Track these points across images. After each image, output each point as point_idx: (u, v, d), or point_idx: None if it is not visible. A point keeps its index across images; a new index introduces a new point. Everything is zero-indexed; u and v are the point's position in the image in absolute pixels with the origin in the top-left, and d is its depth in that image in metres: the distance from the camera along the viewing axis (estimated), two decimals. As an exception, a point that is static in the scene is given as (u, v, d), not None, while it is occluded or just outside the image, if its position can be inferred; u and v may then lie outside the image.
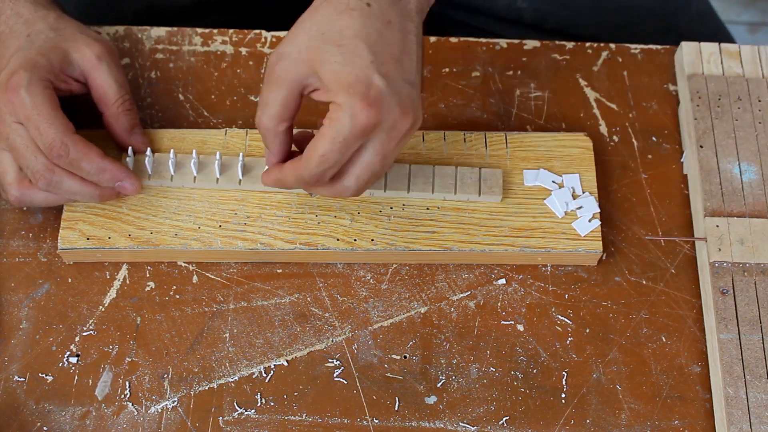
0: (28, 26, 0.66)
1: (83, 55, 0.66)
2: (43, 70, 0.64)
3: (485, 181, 0.67)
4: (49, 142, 0.62)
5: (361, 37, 0.56)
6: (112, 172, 0.64)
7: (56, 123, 0.62)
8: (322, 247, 0.66)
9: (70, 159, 0.62)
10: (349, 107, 0.55)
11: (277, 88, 0.58)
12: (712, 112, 0.71)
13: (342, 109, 0.55)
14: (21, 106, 0.62)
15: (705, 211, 0.67)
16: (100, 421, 0.63)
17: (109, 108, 0.67)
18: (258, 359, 0.65)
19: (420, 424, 0.63)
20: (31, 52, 0.64)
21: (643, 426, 0.63)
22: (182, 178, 0.67)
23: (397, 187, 0.67)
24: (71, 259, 0.68)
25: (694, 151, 0.70)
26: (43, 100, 0.63)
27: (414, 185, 0.67)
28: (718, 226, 0.67)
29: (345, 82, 0.55)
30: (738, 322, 0.64)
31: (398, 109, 0.56)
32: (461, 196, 0.67)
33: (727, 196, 0.68)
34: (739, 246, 0.66)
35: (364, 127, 0.55)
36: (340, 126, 0.56)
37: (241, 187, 0.67)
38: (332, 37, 0.56)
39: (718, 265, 0.66)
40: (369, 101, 0.55)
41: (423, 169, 0.67)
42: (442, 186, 0.67)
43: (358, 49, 0.56)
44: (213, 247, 0.66)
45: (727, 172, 0.69)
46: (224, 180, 0.67)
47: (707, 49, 0.74)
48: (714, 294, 0.65)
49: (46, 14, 0.67)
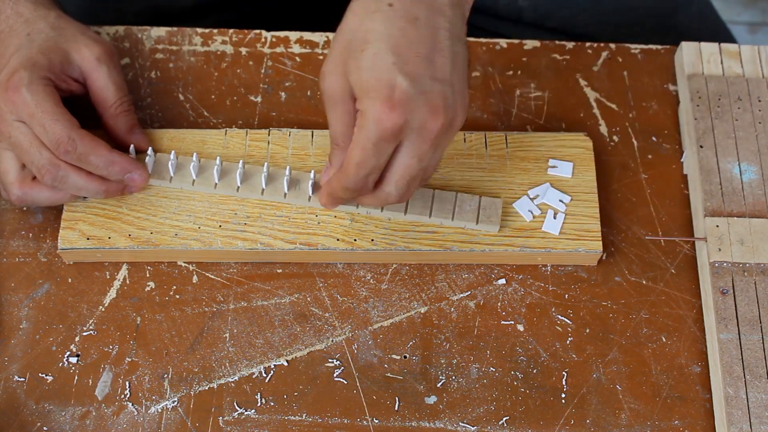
0: (29, 25, 0.66)
1: (83, 56, 0.66)
2: (43, 69, 0.64)
3: (484, 209, 0.66)
4: (56, 138, 0.62)
5: (382, 39, 0.55)
6: (121, 164, 0.64)
7: (61, 119, 0.62)
8: (322, 247, 0.66)
9: (78, 154, 0.62)
10: (372, 112, 0.54)
11: (332, 105, 0.58)
12: (712, 112, 0.71)
13: (366, 115, 0.55)
14: (23, 105, 0.62)
15: (705, 211, 0.67)
16: (100, 421, 0.63)
17: (107, 110, 0.67)
18: (258, 359, 0.65)
19: (420, 424, 0.63)
20: (32, 51, 0.64)
21: (643, 426, 0.63)
22: (181, 180, 0.67)
23: (393, 208, 0.67)
24: (71, 259, 0.68)
25: (694, 151, 0.70)
26: (46, 97, 0.63)
27: (412, 208, 0.66)
28: (718, 226, 0.67)
29: (367, 87, 0.54)
30: (738, 322, 0.64)
31: (426, 109, 0.55)
32: (458, 223, 0.66)
33: (727, 196, 0.68)
34: (739, 246, 0.66)
35: (390, 131, 0.55)
36: (367, 132, 0.55)
37: (239, 195, 0.67)
38: (356, 44, 0.55)
39: (718, 265, 0.66)
40: (392, 103, 0.54)
41: (423, 192, 0.67)
42: (441, 211, 0.66)
43: (380, 52, 0.55)
44: (213, 247, 0.66)
45: (727, 172, 0.69)
46: (222, 186, 0.67)
47: (707, 49, 0.74)
48: (714, 294, 0.65)
49: (47, 14, 0.67)
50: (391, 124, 0.54)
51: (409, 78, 0.54)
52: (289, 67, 0.76)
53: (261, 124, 0.73)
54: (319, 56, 0.76)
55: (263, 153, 0.69)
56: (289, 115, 0.74)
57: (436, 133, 0.56)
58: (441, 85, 0.55)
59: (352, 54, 0.55)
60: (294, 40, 0.77)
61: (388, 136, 0.55)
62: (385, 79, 0.54)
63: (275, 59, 0.76)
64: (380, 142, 0.55)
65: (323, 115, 0.74)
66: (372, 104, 0.54)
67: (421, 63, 0.55)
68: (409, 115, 0.54)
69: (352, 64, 0.55)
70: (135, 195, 0.68)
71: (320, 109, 0.74)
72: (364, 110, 0.55)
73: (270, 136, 0.70)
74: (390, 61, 0.54)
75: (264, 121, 0.73)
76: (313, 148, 0.69)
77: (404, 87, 0.54)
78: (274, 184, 0.67)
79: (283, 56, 0.76)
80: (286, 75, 0.75)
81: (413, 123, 0.55)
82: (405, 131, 0.55)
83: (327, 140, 0.69)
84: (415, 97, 0.54)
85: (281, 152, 0.69)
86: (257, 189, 0.67)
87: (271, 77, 0.75)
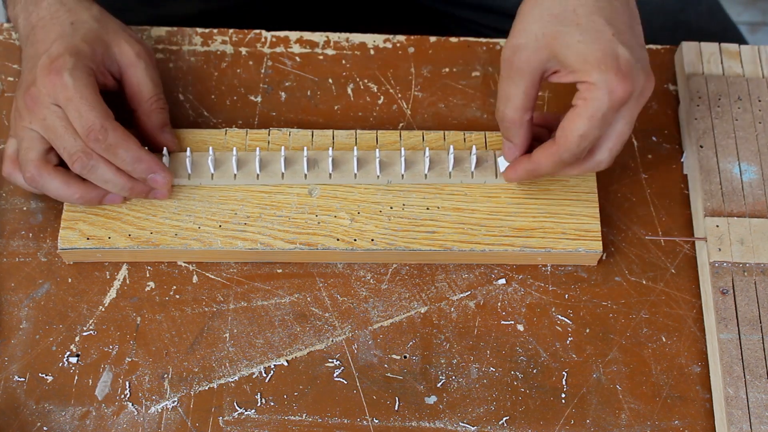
0: (72, 15, 0.67)
1: (123, 50, 0.67)
2: (87, 58, 0.65)
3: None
4: (89, 125, 0.62)
5: (597, 12, 0.58)
6: (148, 163, 0.65)
7: (97, 107, 0.63)
8: (322, 247, 0.66)
9: (107, 144, 0.63)
10: (605, 83, 0.56)
11: (519, 79, 0.59)
12: (712, 112, 0.71)
13: (597, 86, 0.57)
14: (63, 88, 0.62)
15: (705, 211, 0.67)
16: (100, 421, 0.63)
17: (142, 105, 0.68)
18: (258, 359, 0.65)
19: (420, 424, 0.63)
20: (75, 39, 0.65)
21: (643, 426, 0.63)
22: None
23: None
24: (71, 259, 0.68)
25: (694, 151, 0.70)
26: (86, 84, 0.63)
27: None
28: (718, 226, 0.67)
29: (594, 60, 0.57)
30: (738, 322, 0.64)
31: (643, 75, 0.58)
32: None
33: (727, 196, 0.68)
34: (739, 246, 0.66)
35: (621, 100, 0.57)
36: (599, 103, 0.57)
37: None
38: (568, 18, 0.58)
39: (718, 265, 0.66)
40: (622, 74, 0.56)
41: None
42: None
43: (598, 25, 0.57)
44: (213, 247, 0.66)
45: (727, 172, 0.69)
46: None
47: (707, 49, 0.74)
48: (714, 294, 0.65)
49: (90, 6, 0.68)
50: (622, 93, 0.57)
51: (627, 47, 0.57)
52: (289, 67, 0.76)
53: (261, 124, 0.73)
54: (319, 56, 0.76)
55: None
56: (289, 115, 0.74)
57: (648, 96, 0.59)
58: (644, 51, 0.60)
59: (563, 29, 0.58)
60: (294, 40, 0.77)
61: (617, 105, 0.57)
62: (610, 50, 0.57)
63: (275, 59, 0.76)
64: (609, 112, 0.58)
65: (323, 115, 0.74)
66: (603, 75, 0.56)
67: (629, 32, 0.59)
68: (635, 83, 0.57)
69: (566, 39, 0.57)
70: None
71: (320, 109, 0.74)
72: (593, 82, 0.57)
73: (270, 136, 0.70)
74: (610, 33, 0.57)
75: (264, 121, 0.73)
76: (313, 148, 0.69)
77: (627, 56, 0.57)
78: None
79: (283, 56, 0.76)
80: (286, 75, 0.75)
81: (636, 91, 0.58)
82: (630, 99, 0.58)
83: (326, 140, 0.69)
84: (635, 65, 0.57)
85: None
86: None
87: (271, 77, 0.75)
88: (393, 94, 0.75)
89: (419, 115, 0.74)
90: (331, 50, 0.77)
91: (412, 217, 0.67)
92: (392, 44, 0.77)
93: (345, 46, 0.77)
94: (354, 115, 0.74)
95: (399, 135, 0.70)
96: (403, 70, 0.76)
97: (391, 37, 0.77)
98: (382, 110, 0.74)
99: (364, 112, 0.74)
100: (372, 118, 0.74)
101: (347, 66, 0.76)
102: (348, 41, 0.77)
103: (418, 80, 0.75)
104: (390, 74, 0.76)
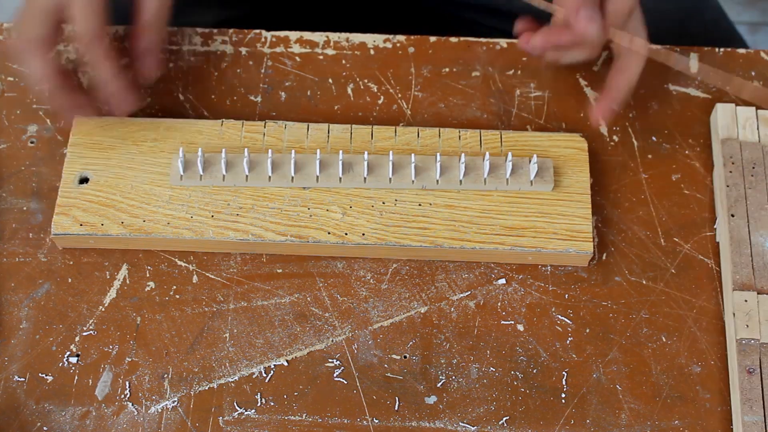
0: None
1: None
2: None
3: (540, 171, 0.68)
4: (86, 31, 0.64)
5: None
6: (112, 89, 0.67)
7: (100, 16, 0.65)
8: (312, 239, 0.66)
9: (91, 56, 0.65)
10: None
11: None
12: (746, 181, 0.68)
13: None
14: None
15: (734, 284, 0.65)
16: (100, 421, 0.63)
17: (139, 23, 0.69)
18: (258, 359, 0.65)
19: (420, 424, 0.63)
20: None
21: (643, 426, 0.63)
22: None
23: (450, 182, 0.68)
24: (64, 245, 0.68)
25: (725, 219, 0.67)
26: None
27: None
28: (746, 301, 0.64)
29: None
30: (764, 404, 0.61)
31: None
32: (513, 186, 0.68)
33: (758, 271, 0.65)
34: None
35: None
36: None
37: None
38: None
39: (746, 343, 0.63)
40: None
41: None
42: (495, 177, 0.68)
43: None
44: (205, 237, 0.66)
45: (759, 246, 0.66)
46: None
47: (743, 114, 0.71)
48: (740, 372, 0.62)
49: None
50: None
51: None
52: (289, 67, 0.76)
53: (261, 124, 0.73)
54: (319, 56, 0.76)
55: (259, 145, 0.69)
56: (289, 115, 0.74)
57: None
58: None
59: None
60: (294, 40, 0.77)
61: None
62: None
63: (275, 59, 0.76)
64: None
65: (323, 115, 0.74)
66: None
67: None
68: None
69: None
70: (130, 183, 0.68)
71: (320, 108, 0.74)
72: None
73: (266, 128, 0.70)
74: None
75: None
76: (308, 141, 0.70)
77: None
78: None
79: (283, 56, 0.76)
80: (286, 75, 0.76)
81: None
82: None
83: (322, 135, 0.70)
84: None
85: (277, 144, 0.69)
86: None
87: (271, 77, 0.75)
88: (393, 94, 0.75)
89: (419, 115, 0.74)
90: (331, 50, 0.77)
91: (404, 212, 0.67)
92: (392, 44, 0.77)
93: (345, 46, 0.77)
94: (354, 115, 0.74)
95: (394, 131, 0.70)
96: (403, 70, 0.76)
97: (391, 37, 0.77)
98: (382, 110, 0.74)
99: (364, 111, 0.74)
100: (372, 118, 0.74)
101: (347, 66, 0.76)
102: (348, 41, 0.77)
103: (418, 80, 0.75)
104: (390, 74, 0.76)
